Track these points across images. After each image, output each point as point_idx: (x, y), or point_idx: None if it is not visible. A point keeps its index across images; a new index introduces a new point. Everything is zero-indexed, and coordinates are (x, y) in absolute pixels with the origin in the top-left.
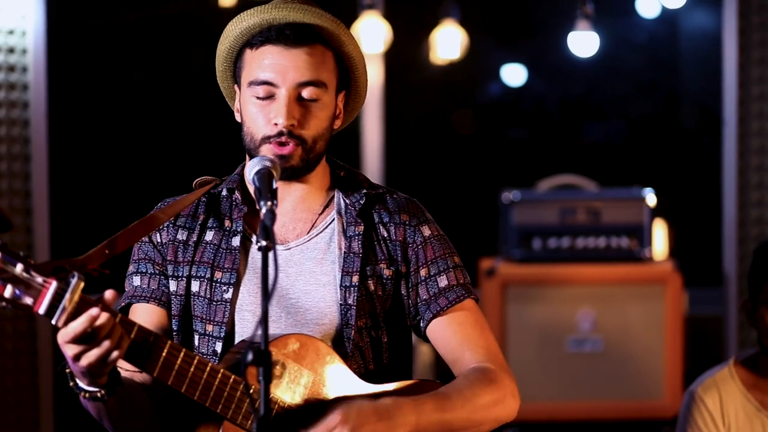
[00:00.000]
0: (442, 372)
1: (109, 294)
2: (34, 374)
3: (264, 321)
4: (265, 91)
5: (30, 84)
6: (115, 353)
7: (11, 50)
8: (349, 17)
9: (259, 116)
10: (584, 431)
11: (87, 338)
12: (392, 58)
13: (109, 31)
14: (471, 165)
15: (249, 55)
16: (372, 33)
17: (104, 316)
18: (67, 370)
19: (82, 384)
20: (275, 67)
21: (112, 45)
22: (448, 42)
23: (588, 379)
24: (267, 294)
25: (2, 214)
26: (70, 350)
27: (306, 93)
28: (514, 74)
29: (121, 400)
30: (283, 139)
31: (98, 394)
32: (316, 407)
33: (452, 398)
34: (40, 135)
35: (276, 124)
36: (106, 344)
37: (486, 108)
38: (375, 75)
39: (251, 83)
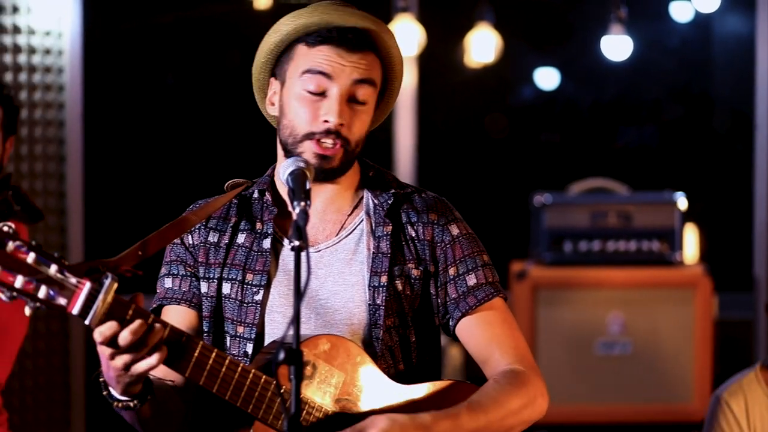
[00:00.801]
0: (471, 374)
1: (140, 297)
2: (66, 373)
3: (296, 320)
4: (317, 85)
5: (66, 85)
6: (155, 356)
7: (47, 51)
8: (383, 20)
9: (306, 111)
10: None
11: (120, 340)
12: (426, 60)
13: (144, 33)
14: (503, 168)
15: (303, 50)
16: (406, 36)
17: (137, 320)
18: (101, 380)
19: (115, 393)
20: (334, 64)
21: (147, 47)
22: (482, 45)
23: (617, 382)
24: (299, 294)
25: (34, 206)
26: (106, 351)
27: (359, 93)
28: (547, 78)
29: (153, 407)
30: (331, 138)
31: (131, 404)
32: (347, 408)
33: (485, 406)
34: (75, 136)
35: (326, 122)
36: (142, 347)
37: (519, 111)
38: (408, 77)
39: (306, 71)
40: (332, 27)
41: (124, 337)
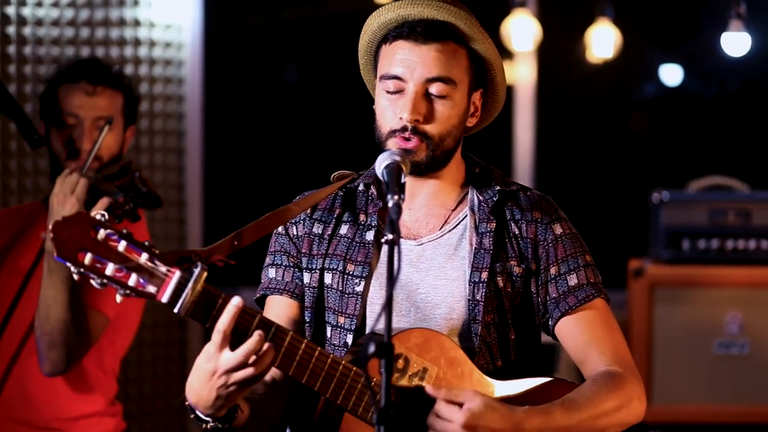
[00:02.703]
0: None
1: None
2: (183, 363)
3: (388, 312)
4: (395, 86)
5: (186, 78)
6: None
7: (168, 45)
8: (500, 15)
9: (388, 110)
10: None
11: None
12: (545, 56)
13: (265, 28)
14: (623, 164)
15: (384, 49)
16: (522, 31)
17: (262, 340)
18: (187, 404)
19: (202, 416)
20: (405, 62)
21: (269, 41)
22: (602, 41)
23: (734, 382)
24: (391, 285)
25: (154, 193)
26: (242, 374)
27: (434, 89)
28: (669, 74)
29: (246, 420)
30: (407, 134)
31: (218, 426)
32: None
33: (580, 405)
34: (195, 128)
35: (401, 119)
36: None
37: (639, 107)
38: (527, 73)
39: (382, 77)
40: (405, 21)
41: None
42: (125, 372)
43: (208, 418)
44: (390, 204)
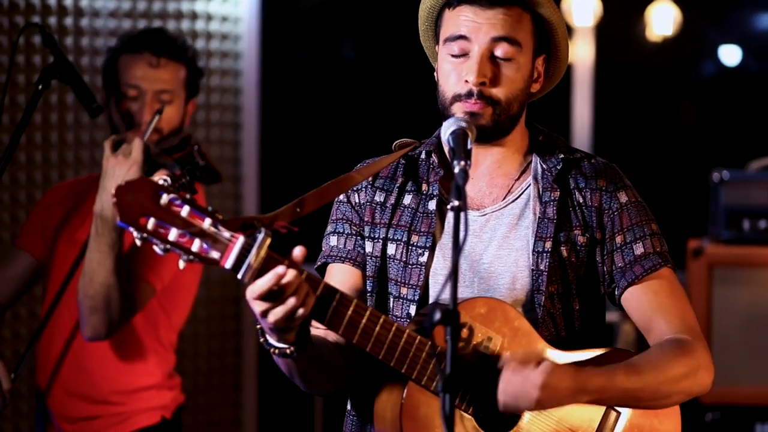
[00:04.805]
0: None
1: (297, 251)
2: (239, 338)
3: (454, 279)
4: (459, 48)
5: (242, 53)
6: (300, 311)
7: (225, 18)
8: None
9: (452, 74)
10: None
11: (273, 296)
12: (604, 33)
13: (323, 3)
14: (682, 143)
15: (447, 14)
16: (582, 7)
17: (291, 274)
18: (258, 326)
19: (271, 340)
20: (470, 23)
21: (326, 17)
22: (662, 18)
23: None
24: (458, 252)
25: (212, 167)
26: (257, 306)
27: (499, 51)
28: (728, 54)
29: (311, 359)
30: (473, 100)
31: (287, 351)
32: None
33: (643, 368)
34: (251, 103)
35: (467, 82)
36: (291, 302)
37: (699, 86)
38: (586, 50)
39: (446, 40)
40: None
41: (276, 292)
42: (181, 347)
43: (278, 344)
44: (456, 170)
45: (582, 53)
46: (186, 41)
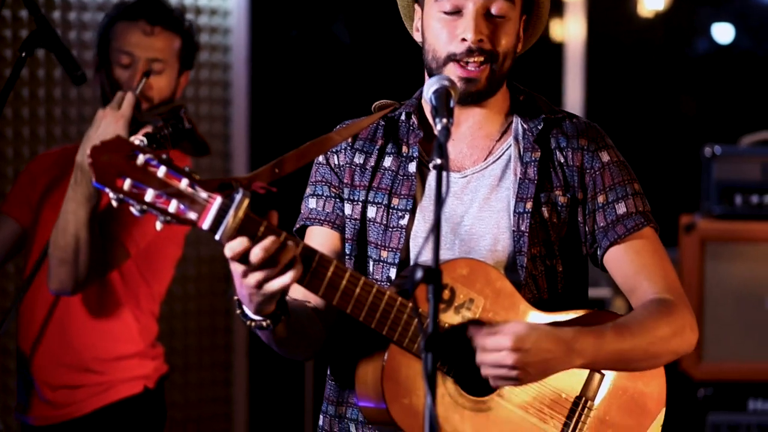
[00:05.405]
0: None
1: (274, 215)
2: (228, 317)
3: (436, 236)
4: (452, 5)
5: (232, 27)
6: (287, 276)
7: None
8: None
9: (444, 32)
10: None
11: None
12: (595, 9)
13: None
14: (673, 119)
15: None
16: None
17: (269, 238)
18: (235, 298)
19: (248, 311)
20: None
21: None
22: None
23: None
24: (439, 210)
25: (201, 139)
26: (238, 268)
27: (495, 7)
28: (721, 32)
29: (289, 328)
30: (474, 57)
31: (263, 323)
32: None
33: (632, 329)
34: (241, 79)
35: (464, 40)
36: (274, 265)
37: (691, 63)
38: (577, 27)
39: None
40: None
41: (256, 253)
42: (171, 325)
43: (255, 316)
44: (438, 127)
45: (573, 29)
46: (183, 14)
